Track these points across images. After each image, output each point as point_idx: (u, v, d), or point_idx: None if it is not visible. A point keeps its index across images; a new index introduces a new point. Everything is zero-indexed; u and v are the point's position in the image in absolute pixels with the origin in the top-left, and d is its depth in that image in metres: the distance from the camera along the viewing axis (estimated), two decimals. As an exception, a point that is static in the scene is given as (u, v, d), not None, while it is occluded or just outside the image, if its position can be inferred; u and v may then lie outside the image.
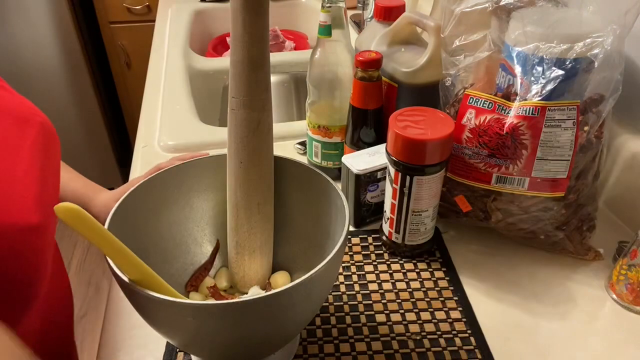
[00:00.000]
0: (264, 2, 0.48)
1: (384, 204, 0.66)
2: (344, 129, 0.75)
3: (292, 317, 0.44)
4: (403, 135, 0.58)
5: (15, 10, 1.74)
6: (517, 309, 0.60)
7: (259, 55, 0.50)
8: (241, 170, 0.53)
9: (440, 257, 0.67)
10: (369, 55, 0.68)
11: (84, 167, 2.15)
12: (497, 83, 0.63)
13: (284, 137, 0.90)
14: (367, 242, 0.69)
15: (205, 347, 0.46)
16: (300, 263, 0.58)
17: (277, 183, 0.56)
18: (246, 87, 0.50)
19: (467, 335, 0.56)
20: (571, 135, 0.57)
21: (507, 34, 0.61)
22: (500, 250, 0.68)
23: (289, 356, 0.54)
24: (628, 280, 0.59)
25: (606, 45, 0.55)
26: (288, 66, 1.23)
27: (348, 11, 0.76)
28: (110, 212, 0.46)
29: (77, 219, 0.36)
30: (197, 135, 0.90)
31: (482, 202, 0.65)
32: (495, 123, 0.59)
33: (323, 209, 0.54)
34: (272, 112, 0.54)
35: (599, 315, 0.59)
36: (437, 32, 0.67)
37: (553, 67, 0.57)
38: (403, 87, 0.72)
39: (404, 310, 0.59)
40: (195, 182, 0.57)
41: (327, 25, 0.70)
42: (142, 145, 0.90)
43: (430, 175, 0.60)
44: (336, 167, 0.79)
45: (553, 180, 0.60)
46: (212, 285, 0.57)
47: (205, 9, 1.51)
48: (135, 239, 0.47)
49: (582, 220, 0.65)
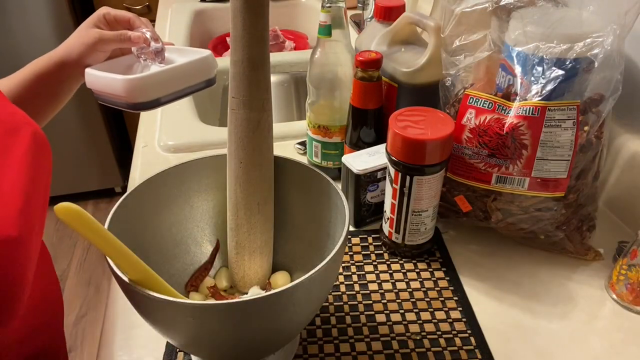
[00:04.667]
0: (264, 2, 0.48)
1: (384, 204, 0.66)
2: (344, 129, 0.75)
3: (292, 317, 0.44)
4: (403, 135, 0.58)
5: (15, 9, 1.74)
6: (517, 309, 0.60)
7: (259, 55, 0.50)
8: (241, 170, 0.53)
9: (440, 257, 0.67)
10: (369, 55, 0.68)
11: (84, 167, 2.16)
12: (497, 83, 0.63)
13: (284, 137, 0.90)
14: (367, 242, 0.69)
15: (205, 347, 0.46)
16: (300, 263, 0.58)
17: (277, 183, 0.56)
18: (246, 87, 0.50)
19: (467, 335, 0.56)
20: (571, 135, 0.57)
21: (507, 34, 0.61)
22: (500, 250, 0.68)
23: (289, 356, 0.54)
24: (628, 280, 0.59)
25: (606, 45, 0.55)
26: (288, 66, 1.23)
27: (348, 11, 0.76)
28: (111, 212, 0.46)
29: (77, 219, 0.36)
30: (197, 135, 0.90)
31: (482, 202, 0.65)
32: (495, 123, 0.59)
33: (323, 209, 0.54)
34: (272, 112, 0.54)
35: (599, 315, 0.59)
36: (437, 32, 0.67)
37: (553, 67, 0.57)
38: (403, 87, 0.72)
39: (404, 310, 0.59)
40: (195, 182, 0.57)
41: (327, 25, 0.70)
42: (142, 145, 0.90)
43: (430, 175, 0.60)
44: (336, 167, 0.79)
45: (553, 180, 0.60)
46: (212, 285, 0.57)
47: (205, 9, 1.51)
48: (135, 239, 0.47)
49: (582, 220, 0.65)
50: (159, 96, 0.63)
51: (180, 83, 0.65)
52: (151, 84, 0.62)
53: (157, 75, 0.63)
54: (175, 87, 0.65)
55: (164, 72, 0.63)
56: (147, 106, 0.63)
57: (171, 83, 0.64)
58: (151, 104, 0.63)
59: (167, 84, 0.64)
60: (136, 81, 0.61)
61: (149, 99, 0.62)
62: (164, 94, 0.64)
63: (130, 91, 0.61)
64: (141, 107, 0.63)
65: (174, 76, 0.64)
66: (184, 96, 0.67)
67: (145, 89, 0.62)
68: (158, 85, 0.63)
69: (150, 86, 0.62)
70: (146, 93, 0.62)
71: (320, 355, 0.54)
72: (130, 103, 0.62)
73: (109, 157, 2.17)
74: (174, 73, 0.64)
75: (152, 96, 0.63)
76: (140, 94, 0.62)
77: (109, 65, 0.66)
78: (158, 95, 0.63)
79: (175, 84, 0.65)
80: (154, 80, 0.62)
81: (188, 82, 0.66)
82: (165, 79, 0.63)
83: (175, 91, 0.65)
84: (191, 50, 0.70)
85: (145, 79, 0.62)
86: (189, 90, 0.66)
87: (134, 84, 0.60)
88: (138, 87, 0.61)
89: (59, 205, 0.35)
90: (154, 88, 0.63)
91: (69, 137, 2.05)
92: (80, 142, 2.07)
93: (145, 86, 0.62)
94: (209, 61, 0.67)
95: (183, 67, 0.65)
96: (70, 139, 2.05)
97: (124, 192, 0.80)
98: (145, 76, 0.62)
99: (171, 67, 0.64)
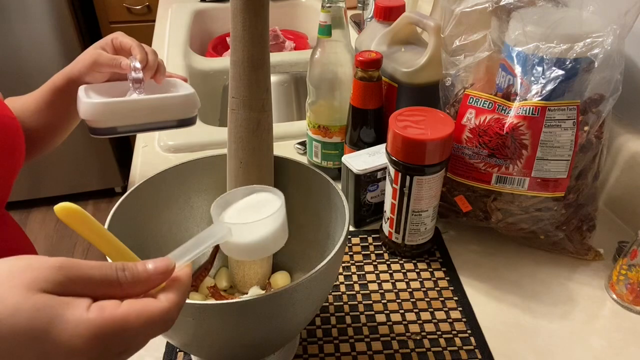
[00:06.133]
0: (264, 2, 0.48)
1: (384, 204, 0.66)
2: (344, 129, 0.75)
3: (292, 317, 0.44)
4: (403, 135, 0.58)
5: (15, 10, 1.74)
6: (517, 309, 0.60)
7: (259, 55, 0.50)
8: (241, 170, 0.53)
9: (440, 257, 0.67)
10: (369, 55, 0.68)
11: (84, 167, 2.15)
12: (497, 83, 0.63)
13: (284, 137, 0.90)
14: (367, 242, 0.69)
15: (205, 347, 0.46)
16: (300, 263, 0.58)
17: (277, 183, 0.56)
18: (246, 87, 0.50)
19: (467, 335, 0.56)
20: (571, 135, 0.57)
21: (507, 34, 0.61)
22: (500, 250, 0.68)
23: (289, 356, 0.54)
24: (628, 280, 0.59)
25: (606, 45, 0.55)
26: (288, 66, 1.23)
27: (348, 11, 0.76)
28: (111, 212, 0.46)
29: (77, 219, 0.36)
30: (197, 135, 0.90)
31: (482, 202, 0.65)
32: (495, 123, 0.59)
33: (323, 209, 0.54)
34: (272, 112, 0.54)
35: (599, 315, 0.59)
36: (437, 32, 0.67)
37: (553, 67, 0.57)
38: (403, 87, 0.72)
39: (404, 310, 0.59)
40: (195, 182, 0.57)
41: (327, 25, 0.70)
42: (142, 145, 0.90)
43: (430, 175, 0.60)
44: (336, 167, 0.79)
45: (553, 180, 0.60)
46: (212, 285, 0.57)
47: (205, 9, 1.51)
48: (135, 239, 0.47)
49: (582, 220, 0.65)
50: (116, 125, 0.61)
51: (145, 117, 0.63)
52: (111, 112, 0.60)
53: (118, 104, 0.61)
54: (138, 119, 0.63)
55: (126, 102, 0.61)
56: (102, 132, 0.61)
57: (134, 114, 0.62)
58: (107, 131, 0.61)
59: (129, 115, 0.62)
60: (95, 105, 0.60)
61: (105, 126, 0.61)
62: (123, 123, 0.62)
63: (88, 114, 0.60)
64: (96, 132, 0.61)
65: (138, 108, 0.62)
66: (148, 130, 0.64)
67: (104, 115, 0.60)
68: (119, 114, 0.61)
69: (109, 113, 0.60)
70: (104, 119, 0.60)
71: (320, 355, 0.54)
72: (88, 127, 0.61)
73: (109, 157, 2.17)
74: (139, 105, 0.62)
75: (109, 124, 0.61)
76: (98, 119, 0.60)
77: (105, 87, 0.66)
78: (116, 124, 0.61)
79: (140, 117, 0.63)
80: (114, 108, 0.61)
81: (155, 117, 0.64)
82: (128, 109, 0.61)
83: (137, 124, 0.63)
84: (181, 87, 0.68)
85: (104, 105, 0.60)
86: (154, 125, 0.64)
87: (93, 108, 0.59)
88: (96, 112, 0.60)
89: (59, 205, 0.35)
90: (114, 116, 0.61)
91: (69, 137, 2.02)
92: (80, 142, 2.07)
93: (104, 112, 0.60)
94: (186, 101, 0.64)
95: (151, 101, 0.63)
96: (70, 139, 2.03)
97: (124, 192, 0.80)
98: (105, 102, 0.60)
99: (136, 98, 0.62)
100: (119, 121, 0.62)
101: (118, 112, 0.61)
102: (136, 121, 0.63)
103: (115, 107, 0.61)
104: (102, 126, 0.61)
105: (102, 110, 0.60)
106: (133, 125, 0.63)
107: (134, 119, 0.62)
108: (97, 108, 0.60)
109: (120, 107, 0.61)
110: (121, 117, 0.62)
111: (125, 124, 0.62)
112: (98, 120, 0.60)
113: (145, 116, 0.63)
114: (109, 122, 0.61)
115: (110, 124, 0.61)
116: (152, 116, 0.63)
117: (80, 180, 2.19)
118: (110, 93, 0.65)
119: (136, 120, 0.63)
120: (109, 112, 0.61)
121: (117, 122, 0.62)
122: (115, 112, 0.61)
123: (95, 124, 0.61)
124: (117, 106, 0.61)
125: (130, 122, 0.62)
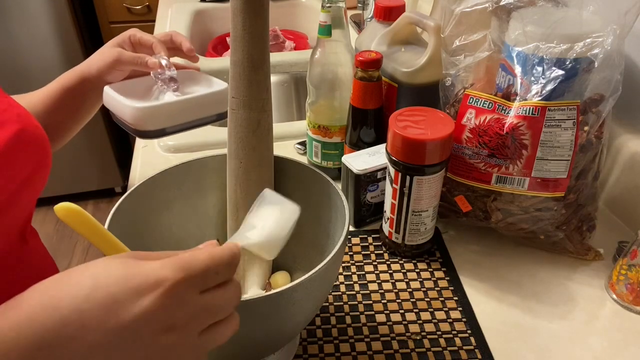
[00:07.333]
0: (264, 2, 0.48)
1: (384, 204, 0.66)
2: (344, 129, 0.75)
3: (292, 317, 0.44)
4: (403, 135, 0.58)
5: (15, 10, 1.74)
6: (517, 309, 0.60)
7: (259, 55, 0.50)
8: (241, 170, 0.53)
9: (440, 257, 0.67)
10: (369, 55, 0.68)
11: (84, 167, 2.15)
12: (497, 83, 0.63)
13: (284, 137, 0.90)
14: (367, 242, 0.69)
15: (205, 347, 0.46)
16: (300, 263, 0.58)
17: (277, 183, 0.56)
18: (246, 87, 0.50)
19: (467, 335, 0.56)
20: (571, 135, 0.57)
21: (507, 34, 0.61)
22: (500, 250, 0.68)
23: (289, 356, 0.54)
24: (628, 280, 0.59)
25: (606, 45, 0.55)
26: (288, 66, 1.23)
27: (348, 11, 0.76)
28: (110, 212, 0.46)
29: (77, 219, 0.36)
30: (197, 135, 0.90)
31: (482, 202, 0.65)
32: (495, 123, 0.59)
33: (323, 209, 0.54)
34: (272, 112, 0.54)
35: (599, 315, 0.59)
36: (437, 32, 0.67)
37: (553, 67, 0.57)
38: (403, 87, 0.72)
39: (404, 310, 0.59)
40: (195, 182, 0.57)
41: (327, 25, 0.70)
42: (142, 146, 0.90)
43: (430, 175, 0.60)
44: (336, 167, 0.79)
45: (553, 180, 0.60)
46: (212, 285, 0.57)
47: (205, 9, 1.51)
48: (135, 239, 0.47)
49: (582, 220, 0.65)
50: (165, 126, 0.62)
51: (190, 115, 0.64)
52: (159, 114, 0.61)
53: (166, 106, 0.62)
54: (184, 118, 0.64)
55: (174, 103, 0.62)
56: (152, 135, 0.62)
57: (181, 114, 0.63)
58: (156, 133, 0.62)
59: (176, 115, 0.63)
60: (145, 110, 0.60)
61: (155, 128, 0.62)
62: (171, 124, 0.63)
63: (137, 119, 0.60)
64: (146, 135, 0.62)
65: (184, 107, 0.63)
66: (192, 128, 0.65)
67: (153, 118, 0.61)
68: (166, 116, 0.62)
69: (158, 116, 0.61)
70: (153, 122, 0.61)
71: (320, 355, 0.54)
72: (136, 130, 0.62)
73: (109, 157, 2.17)
74: (185, 105, 0.63)
75: (158, 125, 0.62)
76: (147, 123, 0.61)
77: (129, 85, 0.66)
78: (165, 125, 0.62)
79: (185, 116, 0.63)
80: (163, 111, 0.61)
81: (198, 114, 0.65)
82: (175, 109, 0.62)
83: (184, 122, 0.64)
84: (210, 80, 0.68)
85: (154, 108, 0.61)
86: (198, 122, 0.65)
87: (142, 112, 0.60)
88: (146, 116, 0.60)
89: (59, 205, 0.35)
90: (162, 118, 0.62)
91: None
92: (81, 142, 2.07)
93: (153, 115, 0.61)
94: (224, 94, 0.65)
95: (195, 99, 0.64)
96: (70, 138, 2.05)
97: (124, 192, 0.80)
98: (154, 106, 0.61)
99: (183, 98, 0.63)
100: (168, 122, 0.62)
101: (167, 114, 0.62)
102: (183, 120, 0.64)
103: (164, 109, 0.62)
104: (151, 128, 0.62)
105: (151, 113, 0.61)
106: (179, 125, 0.64)
107: (181, 118, 0.64)
108: (146, 112, 0.60)
109: (168, 109, 0.62)
110: (169, 117, 0.62)
111: (174, 124, 0.63)
112: (149, 123, 0.61)
113: (191, 114, 0.64)
114: (158, 124, 0.62)
115: (159, 126, 0.62)
116: (196, 113, 0.65)
117: (80, 180, 2.19)
118: (138, 91, 0.66)
119: (183, 119, 0.64)
120: (159, 114, 0.61)
121: (167, 123, 0.62)
122: (164, 114, 0.62)
123: (144, 127, 0.61)
124: (166, 108, 0.62)
125: (178, 122, 0.63)
